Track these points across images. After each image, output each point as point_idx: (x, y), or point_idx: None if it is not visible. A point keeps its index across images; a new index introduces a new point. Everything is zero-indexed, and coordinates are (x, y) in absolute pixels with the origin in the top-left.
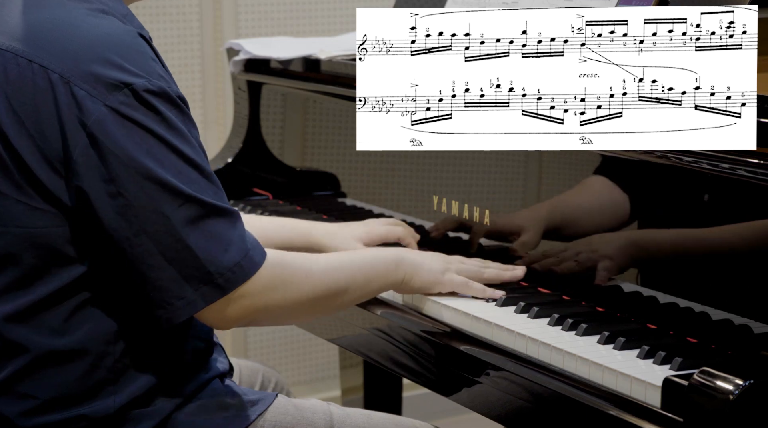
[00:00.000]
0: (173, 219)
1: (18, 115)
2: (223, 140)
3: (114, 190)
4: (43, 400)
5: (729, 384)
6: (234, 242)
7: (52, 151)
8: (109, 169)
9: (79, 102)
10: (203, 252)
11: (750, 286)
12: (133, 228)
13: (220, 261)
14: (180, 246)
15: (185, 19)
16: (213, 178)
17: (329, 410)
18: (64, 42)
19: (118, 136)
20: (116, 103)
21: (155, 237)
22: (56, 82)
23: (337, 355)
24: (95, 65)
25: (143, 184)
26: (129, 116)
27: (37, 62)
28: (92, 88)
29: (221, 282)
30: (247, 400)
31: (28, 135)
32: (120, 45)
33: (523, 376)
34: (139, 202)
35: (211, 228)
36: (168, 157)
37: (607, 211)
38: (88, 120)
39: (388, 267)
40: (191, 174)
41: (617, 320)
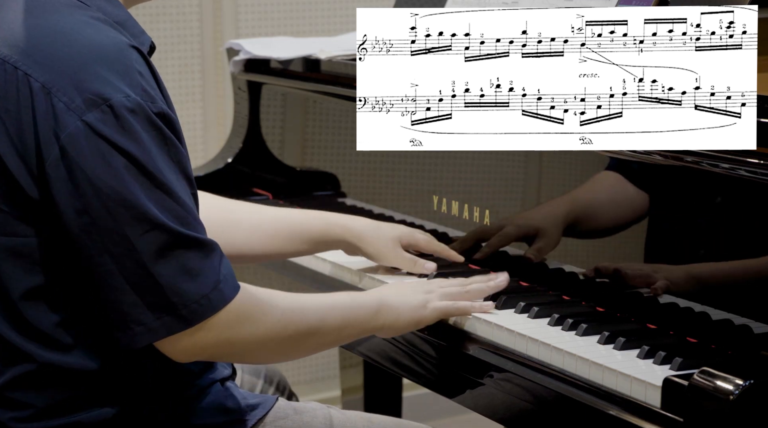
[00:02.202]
0: (138, 245)
1: (3, 120)
2: (223, 140)
3: (80, 207)
4: (40, 408)
5: (729, 384)
6: (204, 273)
7: (30, 159)
8: (76, 185)
9: (56, 113)
10: (168, 281)
11: (750, 286)
12: (97, 248)
13: (185, 292)
14: (143, 273)
15: (185, 19)
16: (187, 206)
17: (329, 413)
18: (50, 50)
19: (88, 153)
20: (92, 118)
21: (118, 260)
22: (37, 91)
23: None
24: (76, 76)
25: (109, 205)
26: (103, 134)
27: (22, 69)
28: (71, 100)
29: (185, 314)
30: (247, 405)
31: (10, 140)
32: (105, 56)
33: (523, 376)
34: (104, 223)
35: (179, 259)
36: (138, 180)
37: (616, 209)
38: (62, 133)
39: (367, 313)
40: (163, 200)
41: (617, 320)
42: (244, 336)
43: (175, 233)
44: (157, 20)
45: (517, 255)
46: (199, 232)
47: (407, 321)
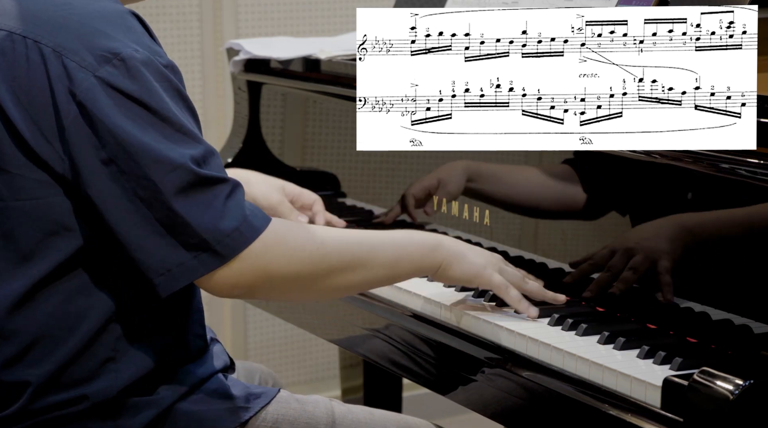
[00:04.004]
0: (163, 187)
1: (13, 89)
2: (223, 140)
3: (106, 157)
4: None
5: (729, 384)
6: (230, 208)
7: (45, 122)
8: (99, 137)
9: (69, 73)
10: (197, 220)
11: (750, 286)
12: (128, 194)
13: (216, 228)
14: (172, 214)
15: (185, 19)
16: (206, 148)
17: (331, 405)
18: (57, 18)
19: (106, 106)
20: (105, 73)
21: (149, 204)
22: (48, 55)
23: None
24: (87, 38)
25: (132, 152)
26: (118, 87)
27: (31, 38)
28: (83, 59)
29: (219, 249)
30: (250, 393)
31: (23, 108)
32: (111, 20)
33: (524, 376)
34: (129, 169)
35: (204, 196)
36: (156, 126)
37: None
38: (78, 90)
39: (423, 250)
40: (183, 142)
41: (617, 320)
42: (281, 265)
43: (196, 173)
44: (157, 20)
45: (516, 256)
46: (219, 171)
47: (465, 270)
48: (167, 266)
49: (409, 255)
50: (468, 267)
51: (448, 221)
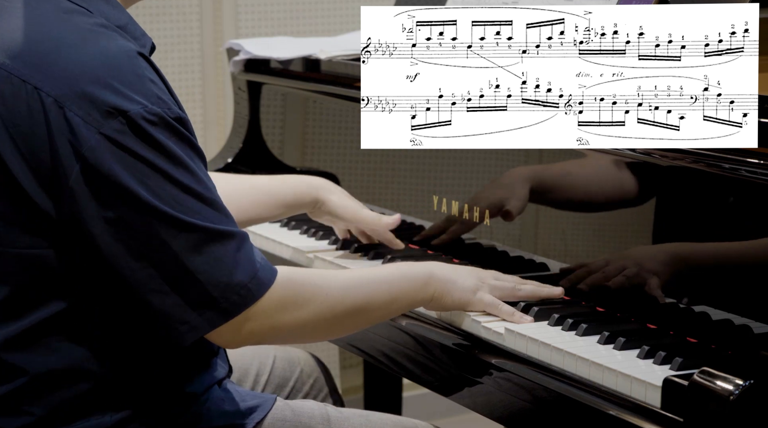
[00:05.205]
0: (173, 245)
1: (11, 134)
2: (223, 140)
3: (111, 217)
4: (39, 417)
5: (729, 384)
6: (240, 264)
7: (44, 173)
8: (104, 196)
9: (72, 128)
10: (206, 276)
11: (750, 286)
12: (133, 253)
13: (225, 284)
14: (181, 272)
15: (185, 19)
16: (216, 204)
17: (326, 412)
18: (60, 63)
19: (112, 165)
20: (110, 130)
21: (156, 262)
22: (50, 105)
23: (337, 355)
24: (90, 89)
25: (139, 213)
26: (123, 145)
27: (31, 83)
28: (87, 114)
29: (226, 306)
30: (246, 407)
31: (21, 156)
32: (117, 67)
33: (524, 376)
34: (136, 229)
35: (214, 253)
36: (164, 187)
37: (599, 188)
38: (82, 147)
39: (416, 285)
40: (189, 202)
41: (617, 320)
42: (289, 321)
43: (206, 230)
44: (157, 20)
45: (516, 256)
46: (230, 225)
47: (455, 300)
48: (173, 324)
49: (404, 292)
50: (459, 296)
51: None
